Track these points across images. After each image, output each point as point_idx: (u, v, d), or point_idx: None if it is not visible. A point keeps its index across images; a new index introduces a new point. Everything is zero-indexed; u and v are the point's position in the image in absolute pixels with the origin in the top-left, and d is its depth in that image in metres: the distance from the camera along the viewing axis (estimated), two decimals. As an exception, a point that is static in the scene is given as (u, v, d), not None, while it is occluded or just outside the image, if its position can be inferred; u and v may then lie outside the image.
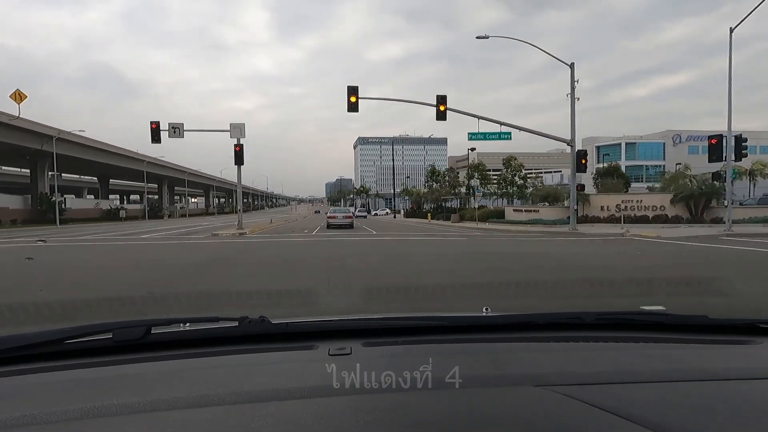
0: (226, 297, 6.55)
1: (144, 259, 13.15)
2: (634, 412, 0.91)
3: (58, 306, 5.47)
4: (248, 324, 1.42)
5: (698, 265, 10.53)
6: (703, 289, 7.08)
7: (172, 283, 8.37)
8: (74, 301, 5.97)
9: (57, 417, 0.94)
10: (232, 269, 10.51)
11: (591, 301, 6.34)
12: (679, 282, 7.68)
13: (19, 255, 13.78)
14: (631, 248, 14.26)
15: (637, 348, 1.43)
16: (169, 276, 9.45)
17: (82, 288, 7.79)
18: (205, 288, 7.62)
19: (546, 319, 1.61)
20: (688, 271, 9.38)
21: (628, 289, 7.12)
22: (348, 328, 1.53)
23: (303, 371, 1.23)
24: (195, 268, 10.60)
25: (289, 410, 0.97)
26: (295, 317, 1.64)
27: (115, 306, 5.84)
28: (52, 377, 1.19)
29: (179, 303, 6.13)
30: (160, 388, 1.11)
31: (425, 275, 8.89)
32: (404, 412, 0.96)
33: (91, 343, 1.33)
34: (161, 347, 1.36)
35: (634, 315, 1.65)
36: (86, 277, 9.33)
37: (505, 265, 10.88)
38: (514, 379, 1.15)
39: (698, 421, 0.93)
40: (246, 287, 7.57)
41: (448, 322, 1.61)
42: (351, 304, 6.02)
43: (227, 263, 11.67)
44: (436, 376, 1.12)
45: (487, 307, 1.70)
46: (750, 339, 1.43)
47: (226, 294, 6.80)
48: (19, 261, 12.31)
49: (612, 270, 9.74)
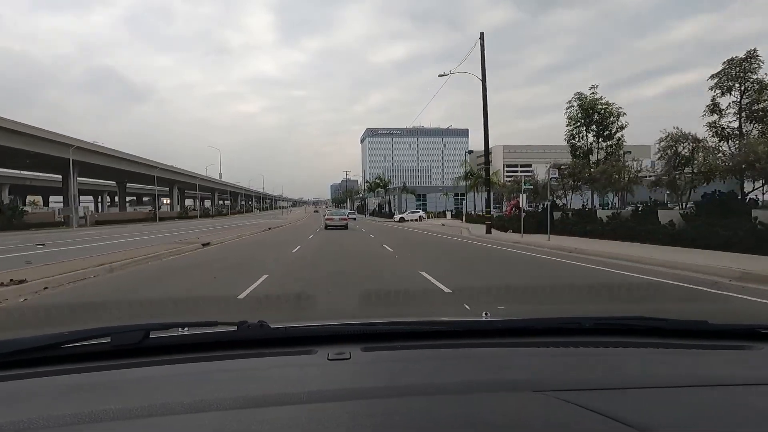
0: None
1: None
2: (633, 418, 0.89)
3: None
4: (247, 328, 1.41)
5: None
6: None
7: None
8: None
9: (55, 422, 0.94)
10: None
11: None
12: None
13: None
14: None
15: (637, 353, 1.41)
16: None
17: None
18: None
19: (545, 324, 1.60)
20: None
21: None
22: (347, 333, 1.50)
23: (302, 376, 1.22)
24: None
25: (288, 415, 0.95)
26: (294, 321, 1.59)
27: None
28: (51, 381, 1.18)
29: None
30: (159, 392, 1.11)
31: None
32: (403, 417, 0.96)
33: (90, 348, 1.32)
34: (160, 352, 1.35)
35: (633, 320, 1.60)
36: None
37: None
38: (512, 384, 1.13)
39: (698, 427, 0.92)
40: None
41: (447, 326, 1.62)
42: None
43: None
44: (434, 381, 1.14)
45: (487, 312, 1.69)
46: (749, 344, 1.41)
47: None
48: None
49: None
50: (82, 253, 15.12)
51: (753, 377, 1.17)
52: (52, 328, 3.32)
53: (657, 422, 0.90)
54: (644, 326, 1.56)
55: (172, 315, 6.01)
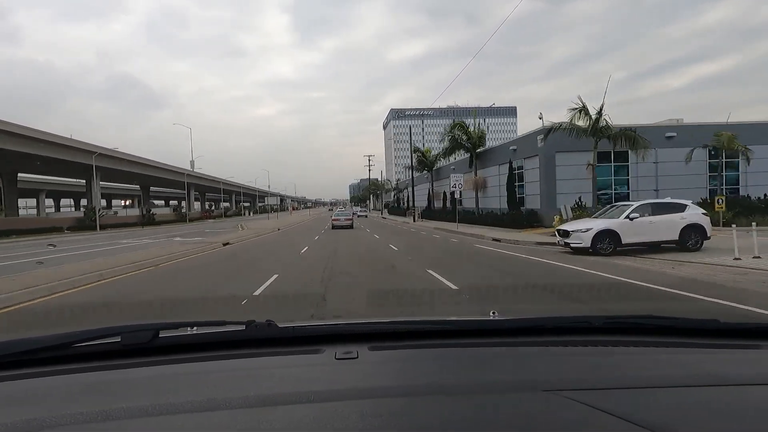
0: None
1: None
2: (644, 418, 0.88)
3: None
4: (255, 327, 1.42)
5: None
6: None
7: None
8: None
9: (66, 420, 0.95)
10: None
11: None
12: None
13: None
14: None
15: (647, 352, 1.39)
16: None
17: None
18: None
19: (554, 323, 1.58)
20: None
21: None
22: (354, 332, 1.50)
23: (310, 375, 1.22)
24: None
25: (296, 414, 0.96)
26: (302, 321, 1.61)
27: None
28: (62, 381, 1.20)
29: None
30: (168, 391, 1.12)
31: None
32: (411, 416, 0.96)
33: (100, 347, 1.34)
34: (169, 351, 1.36)
35: (644, 319, 1.57)
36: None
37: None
38: (521, 384, 1.12)
39: (711, 426, 0.91)
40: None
41: (456, 326, 1.61)
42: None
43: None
44: (442, 381, 1.13)
45: (494, 311, 1.68)
46: (761, 343, 1.40)
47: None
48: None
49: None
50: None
51: (766, 376, 1.16)
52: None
53: (669, 422, 0.88)
54: (655, 325, 1.55)
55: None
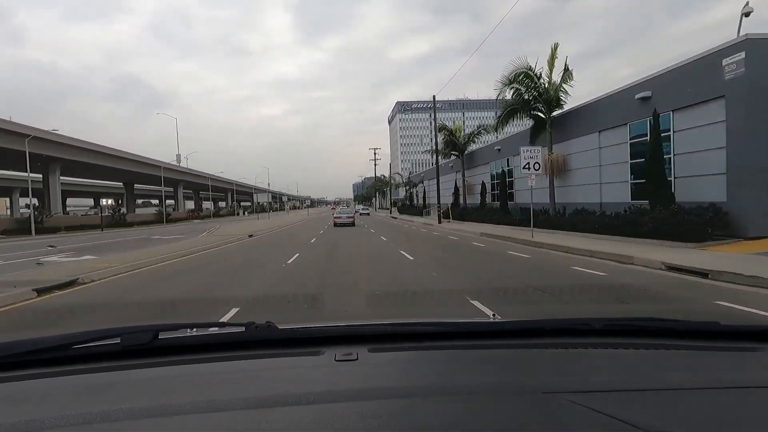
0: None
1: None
2: (646, 421, 0.88)
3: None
4: (255, 329, 1.42)
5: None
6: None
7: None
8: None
9: (66, 421, 0.95)
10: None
11: None
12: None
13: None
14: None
15: (647, 355, 1.39)
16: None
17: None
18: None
19: (554, 325, 1.57)
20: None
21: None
22: (354, 334, 1.50)
23: (309, 377, 1.22)
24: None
25: (295, 415, 0.96)
26: (301, 322, 1.61)
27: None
28: (62, 382, 1.19)
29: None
30: (168, 393, 1.12)
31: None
32: (411, 418, 0.96)
33: (100, 348, 1.33)
34: (169, 352, 1.36)
35: (644, 321, 1.58)
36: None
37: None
38: (521, 386, 1.12)
39: (712, 429, 0.91)
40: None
41: (456, 328, 1.60)
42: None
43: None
44: (442, 383, 1.14)
45: (495, 313, 1.71)
46: (762, 346, 1.40)
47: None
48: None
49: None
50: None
51: (767, 379, 1.16)
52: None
53: (669, 425, 0.89)
54: (655, 327, 1.53)
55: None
